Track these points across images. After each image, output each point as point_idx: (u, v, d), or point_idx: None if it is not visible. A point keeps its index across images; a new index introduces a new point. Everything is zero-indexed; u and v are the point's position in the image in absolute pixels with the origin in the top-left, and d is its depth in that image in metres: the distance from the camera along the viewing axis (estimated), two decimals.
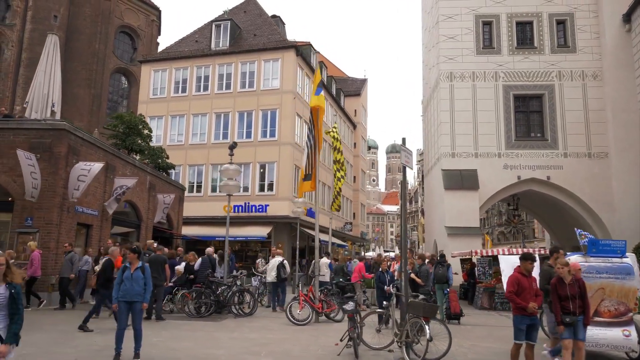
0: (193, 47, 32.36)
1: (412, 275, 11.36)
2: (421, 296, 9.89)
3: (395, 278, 11.71)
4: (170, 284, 13.65)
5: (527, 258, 7.48)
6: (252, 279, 17.49)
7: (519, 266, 7.56)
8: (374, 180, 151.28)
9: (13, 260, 13.05)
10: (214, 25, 32.06)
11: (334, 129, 18.41)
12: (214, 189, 29.44)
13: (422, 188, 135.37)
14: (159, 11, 50.72)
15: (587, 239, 9.18)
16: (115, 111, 48.84)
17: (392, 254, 44.24)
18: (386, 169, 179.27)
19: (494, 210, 60.50)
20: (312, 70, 33.45)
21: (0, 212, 14.63)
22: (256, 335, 10.53)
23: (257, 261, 18.22)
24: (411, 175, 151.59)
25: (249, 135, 29.42)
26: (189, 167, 29.82)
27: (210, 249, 14.68)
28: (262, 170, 28.86)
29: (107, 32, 45.61)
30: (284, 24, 36.30)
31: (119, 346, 8.00)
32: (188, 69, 31.23)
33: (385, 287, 11.88)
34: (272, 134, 29.07)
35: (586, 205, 24.62)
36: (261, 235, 27.05)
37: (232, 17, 32.94)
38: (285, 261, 14.18)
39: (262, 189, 28.65)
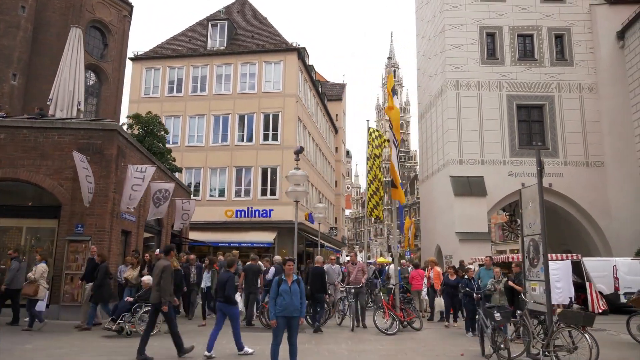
0: (187, 46, 31.29)
1: (511, 283, 11.42)
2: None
3: (489, 286, 11.66)
4: (131, 299, 11.13)
5: None
6: None
7: None
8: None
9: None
10: (210, 24, 31.17)
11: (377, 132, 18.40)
12: (212, 193, 28.56)
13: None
14: (131, 7, 48.73)
15: None
16: (84, 110, 46.43)
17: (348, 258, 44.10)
18: None
19: None
20: (310, 74, 33.25)
21: (44, 218, 13.51)
22: (367, 346, 10.26)
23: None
24: (363, 180, 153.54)
25: (249, 138, 28.77)
26: (186, 170, 28.70)
27: (278, 257, 14.18)
28: (264, 174, 28.26)
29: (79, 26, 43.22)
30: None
31: None
32: (184, 69, 30.14)
33: (475, 294, 11.91)
34: (275, 138, 28.55)
35: (585, 212, 25.79)
36: (267, 241, 26.45)
37: (219, 18, 32.13)
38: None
39: (264, 193, 28.05)
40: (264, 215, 27.46)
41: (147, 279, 11.31)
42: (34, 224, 13.64)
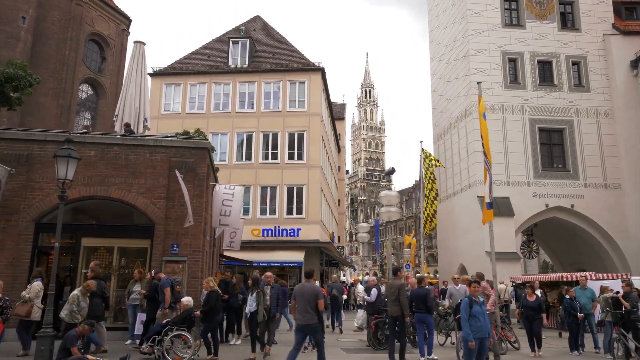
0: (207, 63, 31.05)
1: (620, 297, 11.70)
2: None
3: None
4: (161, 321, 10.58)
5: None
6: (357, 310, 16.90)
7: None
8: None
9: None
10: (231, 42, 31.06)
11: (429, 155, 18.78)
12: None
13: (351, 211, 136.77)
14: (130, 21, 48.05)
15: None
16: (80, 124, 45.12)
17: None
18: None
19: None
20: (328, 93, 33.51)
21: (136, 238, 13.11)
22: None
23: (358, 287, 17.61)
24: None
25: (274, 157, 28.62)
26: None
27: (373, 278, 14.13)
28: (289, 193, 28.11)
29: (78, 39, 42.31)
30: None
31: None
32: (205, 85, 29.86)
33: (578, 313, 12.20)
34: (300, 157, 28.48)
35: (605, 233, 26.71)
36: (297, 260, 26.23)
37: (240, 35, 32.10)
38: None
39: (290, 212, 27.86)
40: (292, 234, 27.25)
41: (186, 300, 10.81)
42: (126, 243, 13.23)
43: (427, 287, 11.30)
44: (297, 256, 26.53)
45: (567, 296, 12.61)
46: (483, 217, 13.75)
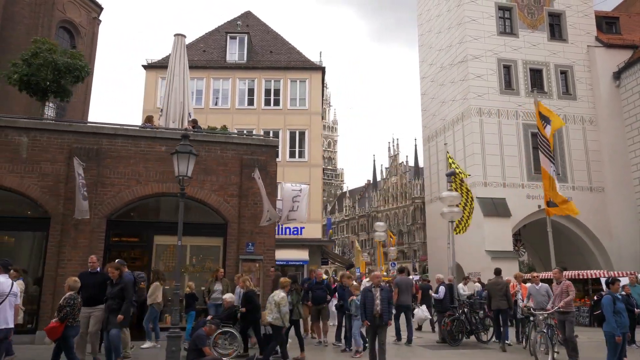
0: (203, 57, 30.33)
1: None
2: None
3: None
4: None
5: None
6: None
7: None
8: None
9: None
10: (229, 37, 30.48)
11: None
12: None
13: None
14: (101, 9, 46.01)
15: None
16: (49, 114, 42.71)
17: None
18: None
19: None
20: (323, 93, 33.56)
21: (208, 236, 12.76)
22: None
23: None
24: None
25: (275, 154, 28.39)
26: None
27: (440, 275, 14.43)
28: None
29: (50, 25, 40.08)
30: None
31: None
32: (203, 80, 29.20)
33: (636, 309, 13.02)
34: (301, 155, 28.44)
35: (590, 233, 28.44)
36: (303, 259, 26.19)
37: (237, 31, 31.61)
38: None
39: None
40: (295, 233, 27.17)
41: (229, 296, 10.59)
42: (198, 242, 12.84)
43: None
44: (302, 255, 26.50)
45: (624, 292, 13.40)
46: (555, 211, 14.37)
